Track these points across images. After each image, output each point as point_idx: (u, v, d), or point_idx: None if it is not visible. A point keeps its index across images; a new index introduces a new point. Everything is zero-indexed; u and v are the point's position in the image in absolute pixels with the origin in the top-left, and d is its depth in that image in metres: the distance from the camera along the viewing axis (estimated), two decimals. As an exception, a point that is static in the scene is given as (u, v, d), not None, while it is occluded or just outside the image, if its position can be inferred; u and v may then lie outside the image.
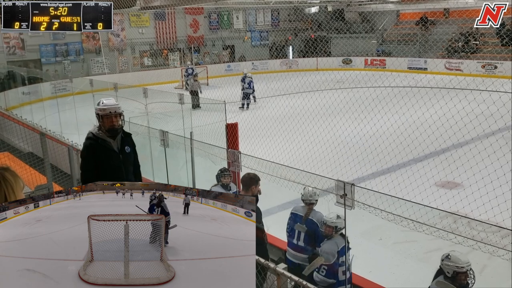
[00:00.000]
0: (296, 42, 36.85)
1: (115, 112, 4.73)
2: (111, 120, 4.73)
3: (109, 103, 4.80)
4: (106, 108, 4.73)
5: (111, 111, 4.72)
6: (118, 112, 4.78)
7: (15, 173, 2.41)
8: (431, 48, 29.92)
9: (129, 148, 4.93)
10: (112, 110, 4.73)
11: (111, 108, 4.74)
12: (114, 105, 4.78)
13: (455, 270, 4.50)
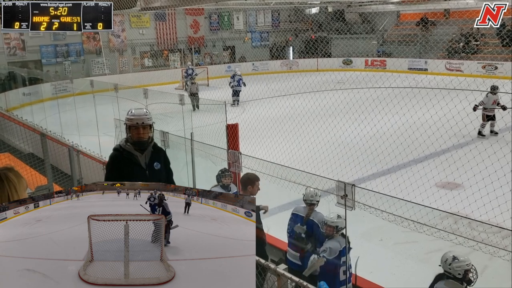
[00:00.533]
0: (296, 43, 36.85)
1: (142, 123, 4.30)
2: (138, 132, 4.31)
3: (138, 113, 4.36)
4: (133, 119, 4.31)
5: (138, 122, 4.29)
6: (146, 123, 4.33)
7: (18, 173, 2.42)
8: (432, 49, 29.91)
9: (158, 165, 4.44)
10: (139, 121, 4.30)
11: (138, 118, 4.31)
12: (142, 115, 4.33)
13: (465, 269, 4.52)
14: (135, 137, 4.32)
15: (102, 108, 13.44)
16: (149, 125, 4.33)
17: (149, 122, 4.33)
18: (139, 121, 4.29)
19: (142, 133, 4.31)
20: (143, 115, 4.33)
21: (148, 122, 4.33)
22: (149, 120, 4.33)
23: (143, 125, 4.30)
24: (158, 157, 4.47)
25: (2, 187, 2.35)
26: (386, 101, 14.19)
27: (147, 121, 4.33)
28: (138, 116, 4.31)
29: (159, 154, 4.52)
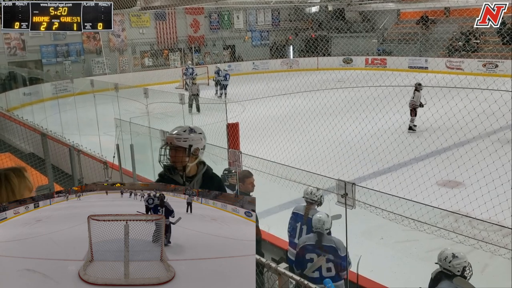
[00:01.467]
0: (296, 42, 36.84)
1: (171, 143, 3.47)
2: (171, 154, 3.52)
3: (171, 132, 3.57)
4: (167, 137, 3.58)
5: (167, 141, 3.55)
6: (176, 144, 3.46)
7: (23, 174, 2.41)
8: (432, 47, 29.90)
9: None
10: (169, 141, 3.50)
11: (168, 137, 3.55)
12: (173, 134, 3.52)
13: (464, 266, 4.54)
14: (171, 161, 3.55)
15: (103, 107, 13.45)
16: (183, 148, 3.47)
17: (180, 143, 3.45)
18: (169, 140, 3.52)
19: (174, 156, 3.51)
20: (174, 134, 3.53)
21: (178, 143, 3.45)
22: (180, 140, 3.46)
23: (173, 146, 3.48)
24: (209, 186, 3.52)
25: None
26: (387, 99, 14.20)
27: (177, 142, 3.46)
28: (169, 135, 3.57)
29: (211, 183, 3.59)
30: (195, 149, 3.52)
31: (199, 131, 3.65)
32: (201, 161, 3.65)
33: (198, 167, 3.63)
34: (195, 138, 3.52)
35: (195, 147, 3.51)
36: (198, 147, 3.55)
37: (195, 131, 3.56)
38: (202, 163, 3.66)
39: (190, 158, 3.51)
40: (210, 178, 3.68)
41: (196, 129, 3.61)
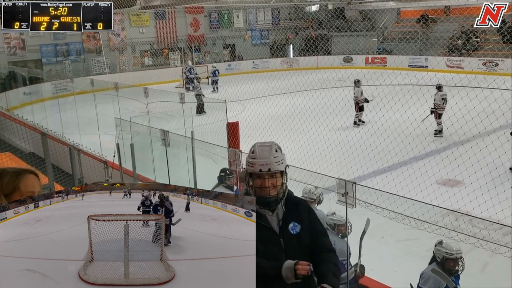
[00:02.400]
0: (296, 41, 36.83)
1: (269, 170, 2.77)
2: (263, 183, 2.79)
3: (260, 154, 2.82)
4: (255, 163, 2.80)
5: (262, 169, 2.78)
6: (275, 169, 2.79)
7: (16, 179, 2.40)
8: (432, 46, 29.88)
9: (297, 227, 2.85)
10: (264, 167, 2.78)
11: (261, 162, 2.79)
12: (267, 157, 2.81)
13: (445, 256, 4.61)
14: (258, 190, 2.80)
15: (103, 107, 13.45)
16: (279, 172, 2.81)
17: (279, 166, 2.80)
18: (264, 166, 2.78)
19: (268, 185, 2.78)
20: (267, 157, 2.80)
21: (277, 167, 2.79)
22: (279, 163, 2.80)
23: (270, 172, 2.78)
24: (295, 215, 2.88)
25: None
26: (387, 98, 14.18)
27: (277, 166, 2.79)
28: (262, 158, 2.80)
29: (297, 210, 2.91)
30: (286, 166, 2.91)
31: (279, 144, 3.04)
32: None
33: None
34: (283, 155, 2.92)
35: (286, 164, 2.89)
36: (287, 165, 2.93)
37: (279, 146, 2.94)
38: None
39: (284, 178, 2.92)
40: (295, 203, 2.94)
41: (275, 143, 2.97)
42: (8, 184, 2.36)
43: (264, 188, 2.78)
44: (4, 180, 2.37)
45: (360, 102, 15.85)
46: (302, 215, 2.89)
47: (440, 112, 14.21)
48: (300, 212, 2.91)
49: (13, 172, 2.42)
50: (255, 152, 2.84)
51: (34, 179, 2.43)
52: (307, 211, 2.95)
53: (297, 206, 2.91)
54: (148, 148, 9.35)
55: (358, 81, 16.05)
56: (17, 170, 2.45)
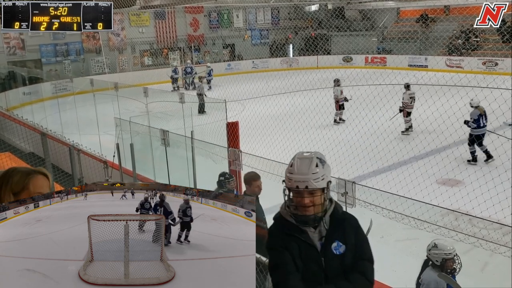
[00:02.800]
0: (296, 41, 36.82)
1: (306, 187, 2.50)
2: (300, 200, 2.54)
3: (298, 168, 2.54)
4: (291, 178, 2.56)
5: (299, 186, 2.51)
6: (313, 187, 2.50)
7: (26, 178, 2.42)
8: (432, 46, 29.88)
9: (341, 247, 2.60)
10: (300, 184, 2.51)
11: (297, 178, 2.52)
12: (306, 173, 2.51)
13: (444, 257, 4.58)
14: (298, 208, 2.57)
15: (102, 107, 13.46)
16: (319, 190, 2.53)
17: (317, 184, 2.51)
18: (301, 183, 2.51)
19: (307, 203, 2.53)
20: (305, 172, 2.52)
21: (315, 184, 2.50)
22: (318, 180, 2.51)
23: (308, 190, 2.51)
24: (340, 234, 2.62)
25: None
26: (387, 98, 14.19)
27: (315, 184, 2.50)
28: (300, 174, 2.52)
29: (342, 228, 2.64)
30: (329, 181, 2.60)
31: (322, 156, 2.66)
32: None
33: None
34: (327, 168, 2.59)
35: (329, 179, 2.60)
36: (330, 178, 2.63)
37: (323, 158, 2.61)
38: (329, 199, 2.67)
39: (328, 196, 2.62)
40: (340, 220, 2.65)
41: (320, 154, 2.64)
42: (18, 183, 2.38)
43: (302, 206, 2.55)
44: (14, 178, 2.39)
45: (340, 101, 16.39)
46: (348, 234, 2.64)
47: (408, 110, 14.57)
48: (346, 231, 2.64)
49: (23, 171, 2.45)
50: (293, 166, 2.58)
51: (44, 180, 2.45)
52: (354, 229, 2.68)
53: (343, 224, 2.65)
54: (148, 148, 9.35)
55: (338, 80, 16.60)
56: (28, 170, 2.48)
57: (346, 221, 2.67)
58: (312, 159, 2.56)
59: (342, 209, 2.73)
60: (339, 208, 2.70)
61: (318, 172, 2.52)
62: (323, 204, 2.57)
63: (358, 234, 2.69)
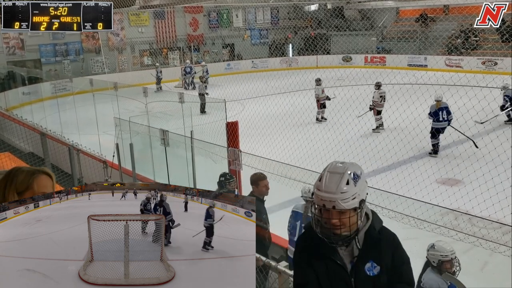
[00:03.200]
0: (295, 40, 36.83)
1: (333, 207, 2.26)
2: (329, 218, 2.30)
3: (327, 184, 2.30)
4: (318, 194, 2.31)
5: (326, 204, 2.28)
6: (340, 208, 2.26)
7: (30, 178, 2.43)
8: (431, 45, 29.90)
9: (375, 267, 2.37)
10: (327, 203, 2.27)
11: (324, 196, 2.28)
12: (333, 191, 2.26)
13: (440, 259, 4.57)
14: (322, 225, 2.34)
15: (102, 106, 13.45)
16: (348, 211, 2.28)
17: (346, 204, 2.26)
18: (328, 203, 2.27)
19: (334, 222, 2.30)
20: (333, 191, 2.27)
21: (343, 205, 2.25)
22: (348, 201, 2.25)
23: (336, 210, 2.27)
24: (375, 254, 2.38)
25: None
26: (386, 97, 14.21)
27: (342, 204, 2.25)
28: (327, 192, 2.28)
29: (378, 248, 2.39)
30: (362, 200, 2.33)
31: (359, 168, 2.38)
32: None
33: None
34: (362, 184, 2.33)
35: (364, 197, 2.34)
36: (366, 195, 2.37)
37: (357, 173, 2.33)
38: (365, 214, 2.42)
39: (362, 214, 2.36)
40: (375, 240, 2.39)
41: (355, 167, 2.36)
42: (23, 183, 2.40)
43: (330, 226, 2.30)
44: (19, 178, 2.41)
45: (321, 100, 16.74)
46: (385, 255, 2.38)
47: (378, 109, 14.98)
48: (383, 251, 2.38)
49: (28, 171, 2.47)
50: (322, 180, 2.31)
51: (48, 180, 2.47)
52: (391, 249, 2.41)
53: (379, 244, 2.39)
54: (148, 148, 9.35)
55: (319, 79, 16.96)
56: (32, 169, 2.50)
57: (383, 240, 2.41)
58: (343, 175, 2.29)
59: (381, 225, 2.47)
60: (377, 225, 2.44)
61: (348, 192, 2.25)
62: (355, 224, 2.31)
63: (397, 255, 2.42)
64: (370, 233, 2.39)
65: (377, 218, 2.47)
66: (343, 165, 2.35)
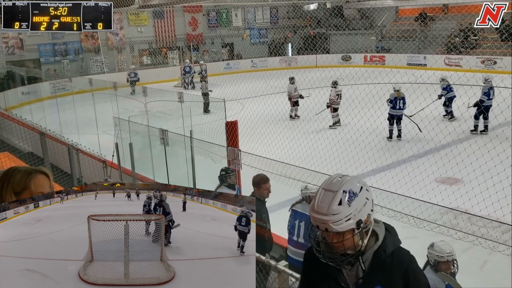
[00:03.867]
0: (295, 39, 36.81)
1: (325, 230, 2.10)
2: (331, 240, 2.14)
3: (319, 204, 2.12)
4: (311, 214, 2.15)
5: (319, 226, 2.12)
6: (332, 230, 2.08)
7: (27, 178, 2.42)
8: (431, 44, 29.89)
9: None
10: (320, 225, 2.11)
11: (315, 216, 2.11)
12: (321, 214, 2.09)
13: (436, 259, 4.56)
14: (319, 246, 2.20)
15: (101, 106, 13.45)
16: (343, 232, 2.09)
17: (339, 227, 2.06)
18: (321, 225, 2.11)
19: (334, 243, 2.14)
20: (324, 211, 2.08)
21: (335, 227, 2.07)
22: (340, 223, 2.05)
23: (327, 232, 2.11)
24: (382, 277, 2.17)
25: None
26: (386, 96, 14.20)
27: (334, 227, 2.07)
28: (318, 212, 2.10)
29: (387, 270, 2.18)
30: (365, 219, 2.14)
31: (358, 184, 2.15)
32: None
33: (368, 240, 2.22)
34: (360, 203, 2.11)
35: (365, 217, 2.13)
36: (368, 213, 2.15)
37: (353, 191, 2.11)
38: (372, 232, 2.22)
39: (364, 235, 2.15)
40: (381, 263, 2.19)
41: (352, 184, 2.14)
42: (20, 183, 2.39)
43: (332, 245, 2.14)
44: (15, 178, 2.40)
45: (294, 98, 17.46)
46: (395, 281, 2.16)
47: (335, 106, 15.58)
48: (393, 275, 2.16)
49: (24, 171, 2.46)
50: (315, 198, 2.12)
51: (45, 180, 2.46)
52: (404, 275, 2.17)
53: (389, 267, 2.17)
54: (147, 147, 9.36)
55: (292, 78, 17.85)
56: (29, 169, 2.49)
57: (394, 263, 2.17)
58: (336, 193, 2.08)
59: (396, 247, 2.23)
60: (390, 246, 2.20)
61: (340, 213, 2.05)
62: (355, 245, 2.13)
63: (410, 280, 2.18)
64: (378, 254, 2.18)
65: (391, 239, 2.24)
66: (339, 181, 2.13)
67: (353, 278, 2.20)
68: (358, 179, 2.18)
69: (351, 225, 2.07)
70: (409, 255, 2.27)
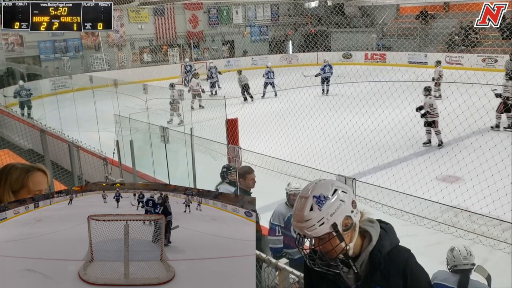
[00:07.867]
0: (296, 37, 36.77)
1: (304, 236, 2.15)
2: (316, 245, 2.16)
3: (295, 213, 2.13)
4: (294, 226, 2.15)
5: (299, 232, 2.15)
6: (314, 236, 2.11)
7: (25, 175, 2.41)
8: (431, 42, 29.85)
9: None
10: (299, 231, 2.13)
11: (293, 223, 2.14)
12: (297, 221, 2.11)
13: (451, 264, 4.54)
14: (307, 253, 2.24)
15: (102, 103, 13.44)
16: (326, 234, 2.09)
17: (314, 232, 2.07)
18: (300, 231, 2.12)
19: (323, 247, 2.13)
20: (299, 219, 2.09)
21: (310, 233, 2.08)
22: (315, 228, 2.06)
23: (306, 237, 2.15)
24: (383, 279, 2.18)
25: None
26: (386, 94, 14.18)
27: (308, 233, 2.09)
28: (295, 219, 2.12)
29: (384, 269, 2.19)
30: (344, 220, 2.12)
31: (331, 187, 2.13)
32: (364, 229, 2.22)
33: (362, 241, 2.23)
34: (332, 206, 2.08)
35: (342, 219, 2.11)
36: (346, 215, 2.12)
37: (324, 195, 2.09)
38: (366, 233, 2.23)
39: (347, 237, 2.14)
40: (377, 263, 2.18)
41: (324, 187, 2.12)
42: (17, 181, 2.38)
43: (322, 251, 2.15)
44: (13, 176, 2.38)
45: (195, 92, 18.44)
46: (393, 279, 2.18)
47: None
48: (391, 275, 2.18)
49: (22, 168, 2.44)
50: (294, 206, 2.14)
51: (43, 177, 2.45)
52: (402, 274, 2.19)
53: (385, 267, 2.17)
54: (148, 145, 9.36)
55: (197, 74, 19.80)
56: (26, 166, 2.47)
57: (392, 263, 2.18)
58: (307, 199, 2.08)
59: (393, 246, 2.24)
60: (386, 246, 2.21)
61: (312, 219, 2.05)
62: (338, 248, 2.11)
63: (408, 278, 2.20)
64: (374, 255, 2.18)
65: (387, 238, 2.23)
66: (310, 187, 2.13)
67: (352, 280, 2.21)
68: (332, 182, 2.16)
69: (325, 230, 2.07)
70: (407, 253, 2.28)
